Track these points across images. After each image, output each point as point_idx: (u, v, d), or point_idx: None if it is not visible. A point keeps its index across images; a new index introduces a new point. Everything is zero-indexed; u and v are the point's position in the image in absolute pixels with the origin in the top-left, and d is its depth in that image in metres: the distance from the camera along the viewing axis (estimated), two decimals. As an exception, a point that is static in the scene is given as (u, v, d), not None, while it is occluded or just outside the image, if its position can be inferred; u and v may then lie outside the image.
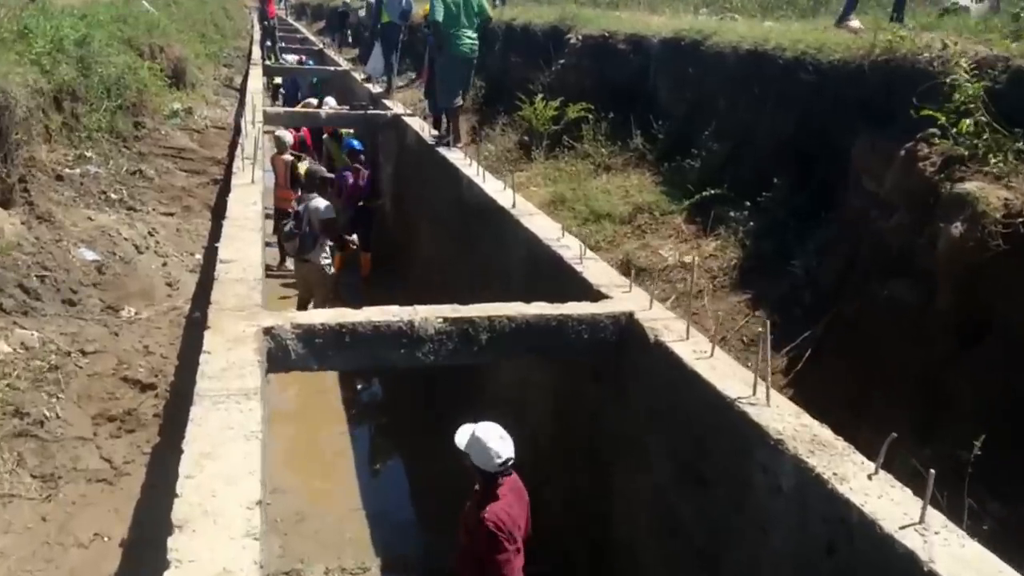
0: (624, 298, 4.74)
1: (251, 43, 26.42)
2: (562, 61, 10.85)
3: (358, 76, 16.49)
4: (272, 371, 4.06)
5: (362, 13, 22.16)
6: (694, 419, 3.78)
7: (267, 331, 4.03)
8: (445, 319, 4.30)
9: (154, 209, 7.14)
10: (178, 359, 4.82)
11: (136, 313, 5.20)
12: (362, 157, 11.20)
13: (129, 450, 3.92)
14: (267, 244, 7.88)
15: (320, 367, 4.15)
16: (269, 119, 11.60)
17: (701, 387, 3.71)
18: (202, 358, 3.59)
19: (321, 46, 24.27)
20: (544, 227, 6.18)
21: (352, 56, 21.86)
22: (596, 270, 5.25)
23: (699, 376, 3.75)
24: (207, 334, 3.87)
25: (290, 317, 4.15)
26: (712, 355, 3.92)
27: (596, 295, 4.85)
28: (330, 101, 14.01)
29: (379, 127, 12.26)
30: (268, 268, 9.77)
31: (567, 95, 9.91)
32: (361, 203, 10.99)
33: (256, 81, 14.95)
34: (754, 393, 3.52)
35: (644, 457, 4.43)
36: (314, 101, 15.65)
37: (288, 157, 11.66)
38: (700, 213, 6.84)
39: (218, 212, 8.02)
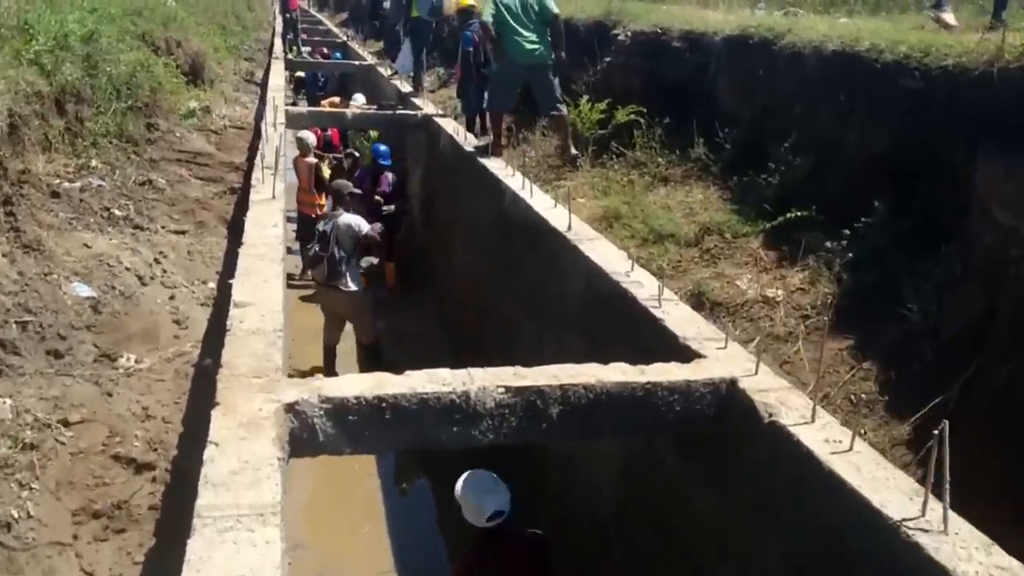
0: (720, 357, 3.91)
1: (273, 35, 25.71)
2: (608, 59, 9.99)
3: (384, 72, 15.70)
4: (295, 455, 3.27)
5: (387, 5, 21.36)
6: (833, 533, 2.95)
7: (289, 408, 3.24)
8: (507, 389, 3.49)
9: (163, 227, 6.39)
10: (183, 424, 4.06)
11: (136, 361, 4.44)
12: (387, 163, 10.41)
13: (116, 558, 3.16)
14: (288, 250, 7.16)
15: (355, 450, 3.36)
16: (291, 120, 10.83)
17: (843, 495, 2.89)
18: (207, 453, 2.80)
19: (345, 39, 23.48)
20: (608, 256, 5.35)
21: (377, 49, 21.07)
22: (679, 316, 4.41)
23: (839, 479, 2.92)
24: (214, 414, 3.09)
25: (317, 388, 3.36)
26: (851, 447, 3.09)
27: (683, 351, 4.02)
28: (358, 99, 13.22)
29: (408, 128, 11.45)
30: (290, 277, 9.03)
31: (614, 96, 9.06)
32: (384, 210, 10.21)
33: (278, 77, 14.19)
34: (923, 513, 2.68)
35: (744, 553, 3.61)
36: (337, 100, 14.91)
37: (312, 159, 10.92)
38: (781, 238, 5.99)
39: (235, 227, 7.26)
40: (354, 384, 3.41)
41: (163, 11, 13.43)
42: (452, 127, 10.07)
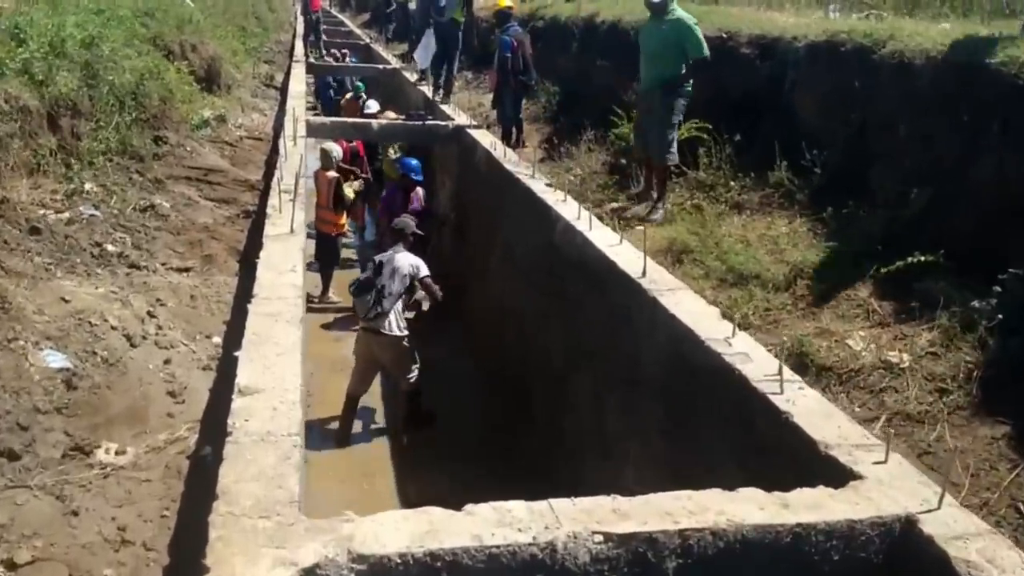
0: (882, 477, 2.93)
1: (293, 37, 24.91)
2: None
3: (410, 76, 14.79)
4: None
5: (412, 6, 20.48)
6: None
7: (308, 574, 2.30)
8: (607, 537, 2.53)
9: (164, 264, 5.48)
10: (169, 552, 3.12)
11: (117, 453, 3.53)
12: (420, 178, 9.47)
13: None
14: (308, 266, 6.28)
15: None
16: (313, 131, 9.94)
17: None
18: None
19: (368, 41, 22.62)
20: (698, 314, 4.38)
21: (401, 52, 20.18)
22: (808, 407, 3.44)
23: None
24: (204, 589, 2.15)
25: (347, 539, 2.42)
26: None
27: (828, 466, 3.05)
28: (372, 105, 12.31)
29: (438, 140, 10.51)
30: (309, 299, 8.14)
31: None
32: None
33: (299, 83, 13.30)
34: None
35: None
36: (351, 96, 14.07)
37: (333, 174, 9.99)
38: (898, 286, 4.98)
39: (248, 260, 6.34)
40: (397, 533, 2.46)
41: (178, 12, 12.58)
42: (488, 141, 9.12)
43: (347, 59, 20.75)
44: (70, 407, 3.57)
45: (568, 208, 6.43)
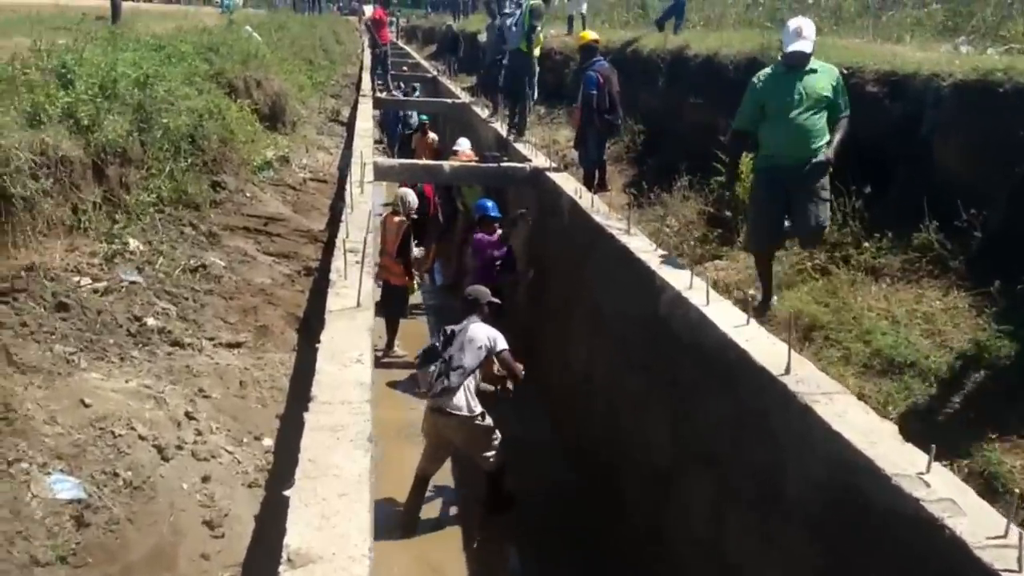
0: None
1: (360, 70, 24.58)
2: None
3: (481, 112, 14.09)
4: None
5: (481, 38, 19.92)
6: None
7: None
8: None
9: (212, 339, 4.74)
10: None
11: (131, 622, 2.74)
12: (498, 214, 8.68)
13: None
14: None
15: None
16: (381, 173, 9.24)
17: None
18: None
19: (435, 73, 22.10)
20: (869, 433, 3.42)
21: (469, 85, 19.59)
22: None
23: None
24: None
25: None
26: None
27: None
28: (463, 144, 11.58)
29: (514, 183, 9.71)
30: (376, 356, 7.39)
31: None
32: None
33: (366, 120, 12.68)
34: None
35: None
36: (435, 138, 13.39)
37: (402, 219, 9.28)
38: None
39: (307, 328, 5.59)
40: None
41: (243, 47, 12.10)
42: (572, 187, 8.28)
43: (415, 93, 20.26)
44: (78, 554, 2.79)
45: (676, 274, 5.52)
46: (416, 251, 9.55)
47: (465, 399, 5.89)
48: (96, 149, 5.71)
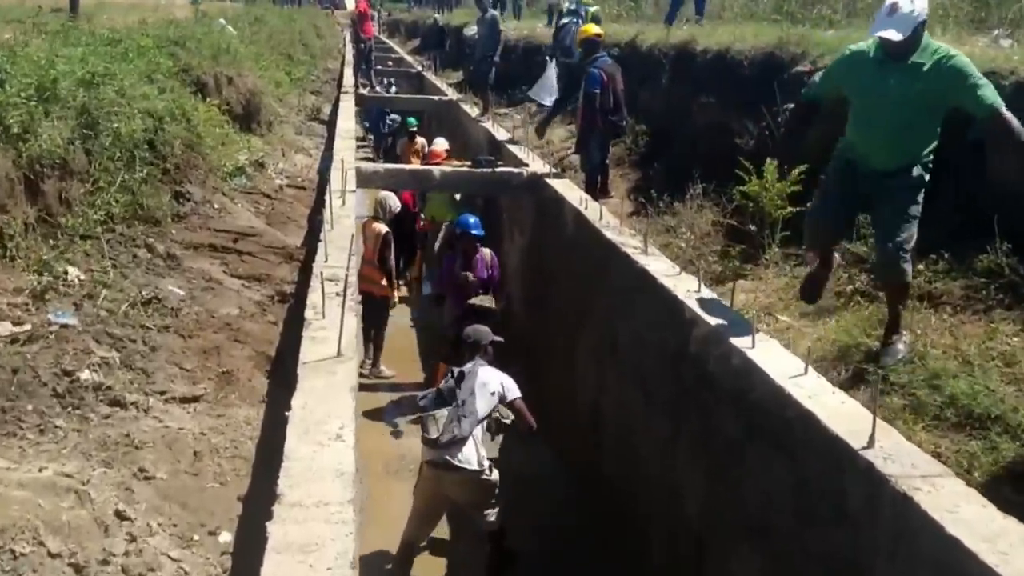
0: None
1: (342, 64, 23.68)
2: (789, 105, 7.31)
3: (470, 110, 13.26)
4: None
5: (468, 32, 19.05)
6: None
7: None
8: None
9: (164, 393, 3.93)
10: None
11: None
12: (480, 233, 7.80)
13: None
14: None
15: None
16: (364, 180, 8.41)
17: None
18: None
19: (420, 68, 21.23)
20: (997, 539, 2.67)
21: (456, 80, 18.73)
22: None
23: None
24: None
25: None
26: None
27: None
28: (440, 143, 10.79)
29: (510, 191, 8.92)
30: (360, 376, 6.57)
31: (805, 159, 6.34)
32: (478, 304, 7.62)
33: (348, 119, 11.83)
34: None
35: None
36: (423, 144, 12.49)
37: (383, 227, 8.49)
38: None
39: (280, 370, 4.78)
40: None
41: (214, 41, 11.22)
42: (577, 196, 7.49)
43: (391, 89, 19.39)
44: None
45: (709, 305, 4.75)
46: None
47: (475, 451, 5.10)
48: (29, 161, 4.87)
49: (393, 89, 19.98)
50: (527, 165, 8.96)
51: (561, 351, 7.43)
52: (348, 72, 19.00)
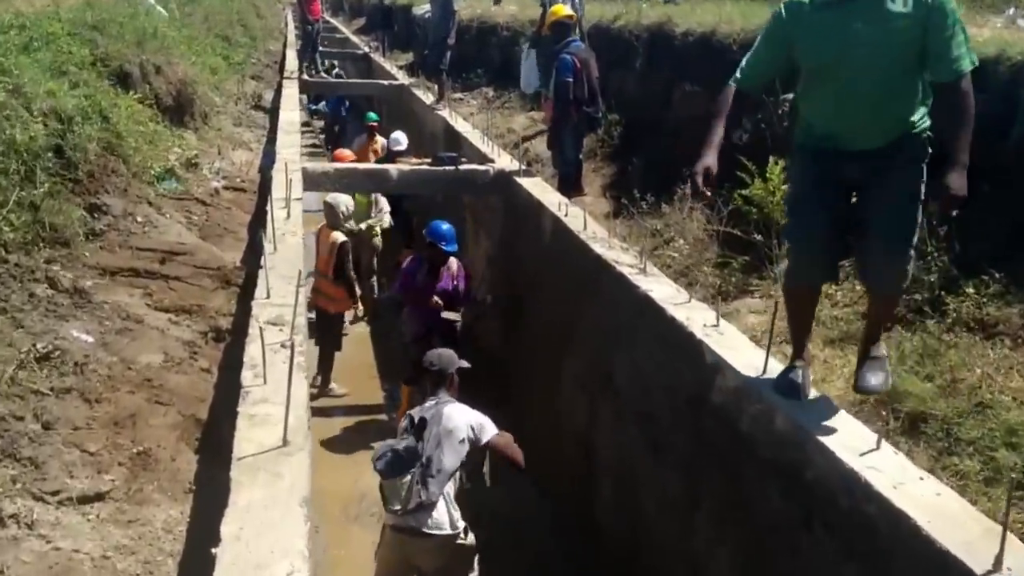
0: None
1: (284, 46, 22.39)
2: (790, 96, 6.56)
3: (424, 97, 12.29)
4: None
5: (419, 11, 17.99)
6: None
7: None
8: None
9: (57, 493, 3.01)
10: None
11: None
12: (453, 248, 6.91)
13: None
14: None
15: None
16: (311, 182, 7.45)
17: None
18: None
19: (367, 50, 20.09)
20: None
21: (406, 63, 17.68)
22: None
23: None
24: None
25: None
26: None
27: None
28: (400, 140, 9.84)
29: (475, 191, 8.04)
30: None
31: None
32: (450, 317, 6.79)
33: (291, 110, 10.78)
34: None
35: None
36: (382, 142, 11.41)
37: (339, 236, 7.58)
38: None
39: (215, 441, 3.88)
40: None
41: (138, 25, 10.07)
42: (555, 200, 6.64)
43: (333, 72, 18.29)
44: None
45: (735, 343, 3.97)
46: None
47: (447, 512, 4.28)
48: None
49: (336, 71, 18.86)
50: (492, 161, 8.08)
51: (541, 374, 6.62)
52: (291, 55, 17.82)
